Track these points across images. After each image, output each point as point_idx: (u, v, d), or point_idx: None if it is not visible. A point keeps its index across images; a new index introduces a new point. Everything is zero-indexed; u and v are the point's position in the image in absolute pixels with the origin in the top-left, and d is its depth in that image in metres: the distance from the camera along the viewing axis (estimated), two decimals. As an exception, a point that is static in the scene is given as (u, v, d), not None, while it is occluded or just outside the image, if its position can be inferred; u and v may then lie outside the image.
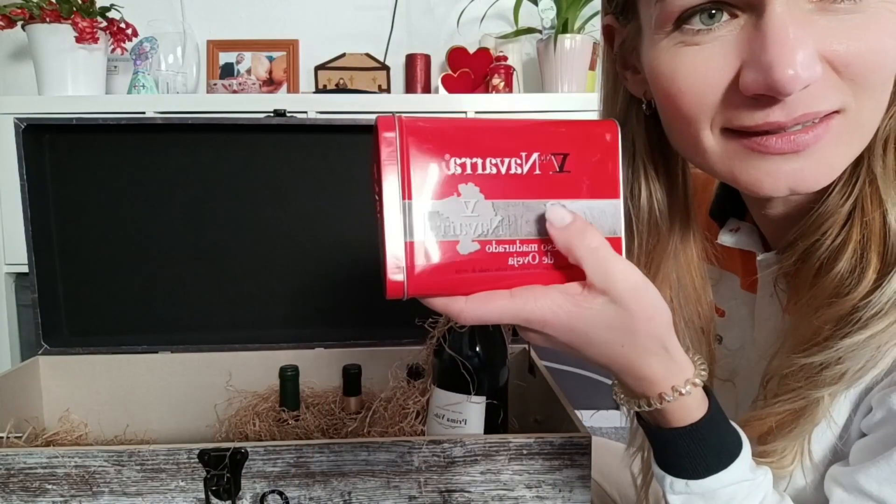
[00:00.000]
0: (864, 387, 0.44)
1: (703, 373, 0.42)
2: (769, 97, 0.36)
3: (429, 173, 0.38)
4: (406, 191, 0.38)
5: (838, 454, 0.45)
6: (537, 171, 0.39)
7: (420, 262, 0.38)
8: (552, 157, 0.40)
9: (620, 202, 0.41)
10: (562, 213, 0.38)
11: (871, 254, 0.40)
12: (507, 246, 0.39)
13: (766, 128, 0.38)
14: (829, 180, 0.39)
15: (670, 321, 0.40)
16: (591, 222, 0.39)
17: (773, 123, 0.37)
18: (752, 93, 0.36)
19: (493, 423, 0.71)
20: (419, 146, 0.38)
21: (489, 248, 0.39)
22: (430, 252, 0.38)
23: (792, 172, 0.38)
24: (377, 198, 0.38)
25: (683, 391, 0.41)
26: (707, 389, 0.43)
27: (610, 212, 0.40)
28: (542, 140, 0.40)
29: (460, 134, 0.39)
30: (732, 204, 0.54)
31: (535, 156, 0.39)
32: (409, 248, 0.38)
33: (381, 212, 0.38)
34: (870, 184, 0.41)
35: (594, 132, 0.40)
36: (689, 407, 0.42)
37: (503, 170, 0.39)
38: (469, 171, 0.39)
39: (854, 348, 0.41)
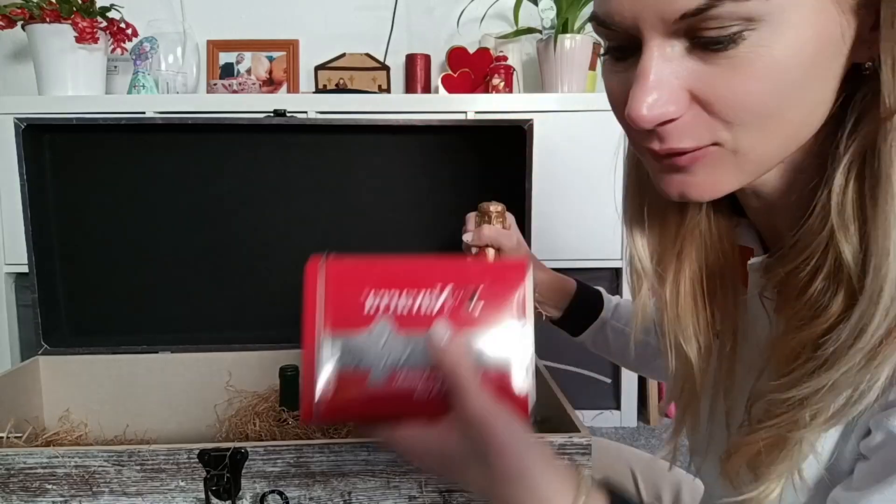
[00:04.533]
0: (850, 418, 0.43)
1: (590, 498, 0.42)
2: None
3: (346, 310, 0.43)
4: (325, 325, 0.42)
5: (831, 480, 0.44)
6: (450, 304, 0.43)
7: (328, 393, 0.42)
8: (464, 290, 0.44)
9: (525, 342, 0.45)
10: (441, 332, 0.42)
11: (840, 283, 0.40)
12: (415, 376, 0.43)
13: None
14: (715, 196, 0.42)
15: (529, 455, 0.41)
16: (489, 353, 0.43)
17: (652, 150, 0.41)
18: (626, 123, 0.41)
19: None
20: (339, 285, 0.43)
21: (398, 379, 0.43)
22: (341, 382, 0.42)
23: (680, 182, 0.42)
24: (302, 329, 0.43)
25: None
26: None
27: (512, 346, 0.44)
28: (457, 274, 0.44)
29: (380, 269, 0.44)
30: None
31: (448, 288, 0.43)
32: (324, 379, 0.42)
33: (303, 343, 0.42)
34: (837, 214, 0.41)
35: (506, 269, 0.45)
36: None
37: (418, 302, 0.43)
38: (385, 305, 0.43)
39: (822, 387, 0.41)
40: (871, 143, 0.38)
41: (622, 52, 0.41)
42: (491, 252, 0.74)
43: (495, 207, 0.75)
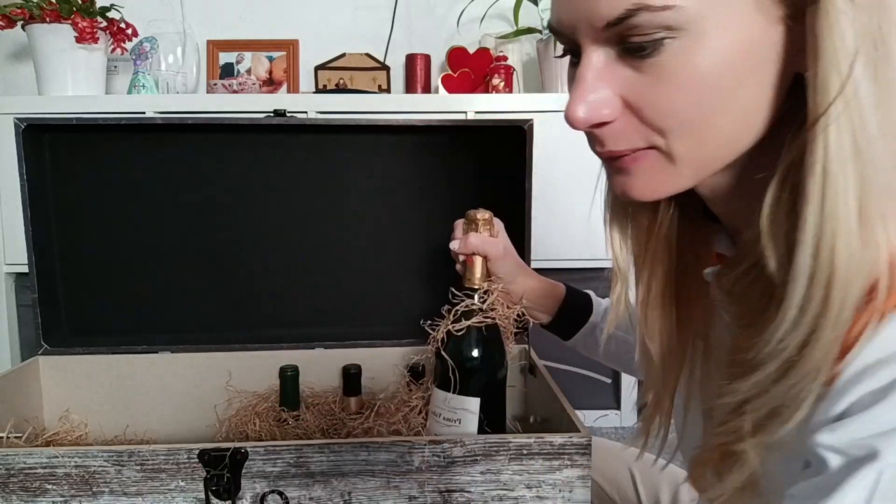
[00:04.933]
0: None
1: None
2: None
3: None
4: None
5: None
6: None
7: None
8: None
9: None
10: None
11: (772, 294, 0.40)
12: None
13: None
14: (656, 197, 0.44)
15: None
16: None
17: (596, 152, 0.44)
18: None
19: (488, 423, 0.71)
20: None
21: None
22: None
23: (622, 183, 0.44)
24: None
25: None
26: None
27: None
28: None
29: None
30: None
31: None
32: None
33: None
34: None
35: None
36: None
37: None
38: None
39: (749, 395, 0.41)
40: (799, 155, 0.37)
41: (574, 56, 0.44)
42: (478, 260, 0.74)
43: (482, 215, 0.75)
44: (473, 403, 0.70)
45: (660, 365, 0.55)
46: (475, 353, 0.72)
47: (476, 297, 0.74)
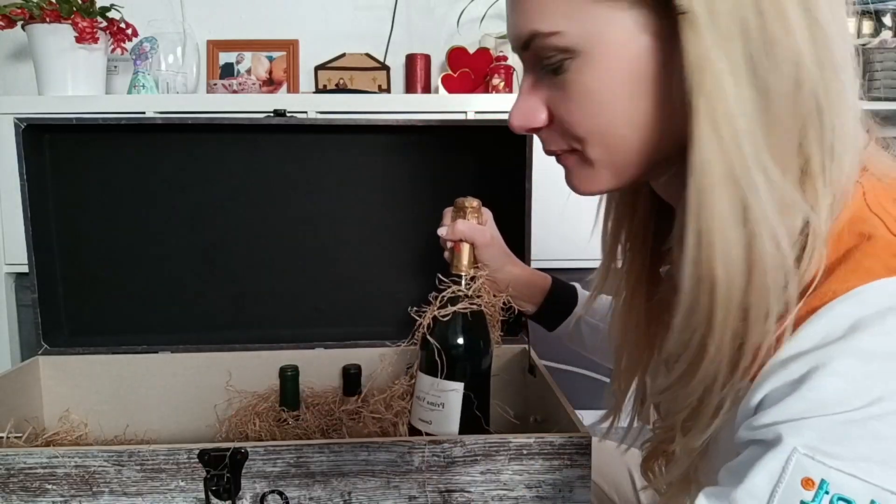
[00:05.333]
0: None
1: None
2: None
3: None
4: None
5: None
6: None
7: None
8: None
9: None
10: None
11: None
12: None
13: None
14: (589, 192, 0.50)
15: None
16: None
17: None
18: None
19: (472, 409, 0.72)
20: None
21: None
22: None
23: (568, 181, 0.50)
24: None
25: None
26: None
27: None
28: None
29: None
30: None
31: None
32: None
33: None
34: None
35: None
36: None
37: None
38: None
39: (661, 394, 0.45)
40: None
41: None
42: (466, 247, 0.75)
43: (470, 203, 0.77)
44: (458, 388, 0.72)
45: (626, 355, 0.58)
46: (460, 338, 0.73)
47: (462, 283, 0.75)
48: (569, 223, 1.68)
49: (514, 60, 1.97)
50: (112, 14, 1.70)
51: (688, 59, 0.38)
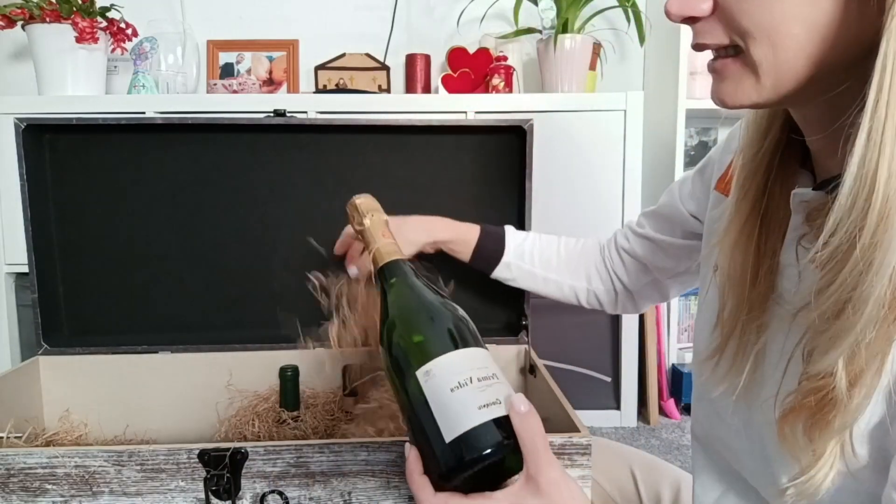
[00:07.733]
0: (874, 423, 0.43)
1: None
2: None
3: None
4: None
5: (877, 465, 0.43)
6: None
7: None
8: None
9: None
10: (520, 400, 0.52)
11: (861, 230, 0.39)
12: None
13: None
14: (736, 104, 0.46)
15: None
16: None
17: (692, 46, 0.47)
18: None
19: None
20: None
21: None
22: None
23: (716, 91, 0.47)
24: None
25: None
26: None
27: None
28: None
29: None
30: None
31: None
32: None
33: None
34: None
35: None
36: None
37: None
38: None
39: (840, 338, 0.41)
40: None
41: None
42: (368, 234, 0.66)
43: (361, 204, 0.72)
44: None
45: (731, 293, 0.54)
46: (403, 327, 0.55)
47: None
48: (569, 223, 1.69)
49: (515, 60, 1.97)
50: (112, 14, 1.70)
51: None
